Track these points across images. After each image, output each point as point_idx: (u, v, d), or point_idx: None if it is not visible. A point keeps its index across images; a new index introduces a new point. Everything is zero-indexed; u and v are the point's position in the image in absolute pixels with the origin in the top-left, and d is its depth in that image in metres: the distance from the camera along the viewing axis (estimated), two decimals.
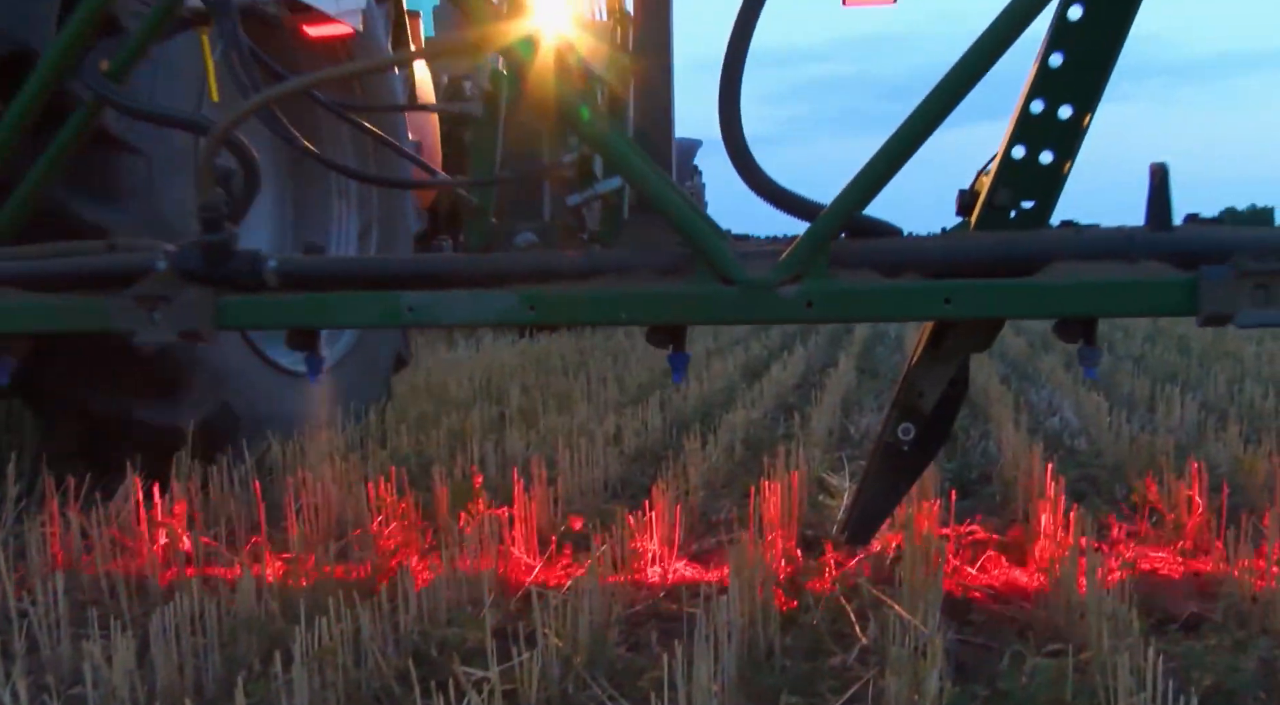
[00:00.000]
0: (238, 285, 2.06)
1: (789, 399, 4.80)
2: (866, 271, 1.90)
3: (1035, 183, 1.95)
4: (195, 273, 2.04)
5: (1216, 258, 1.73)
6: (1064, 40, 1.91)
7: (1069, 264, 1.83)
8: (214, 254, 2.02)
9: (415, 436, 3.70)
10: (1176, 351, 6.02)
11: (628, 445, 3.60)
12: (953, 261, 1.90)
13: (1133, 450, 3.35)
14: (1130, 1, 1.90)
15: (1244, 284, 1.70)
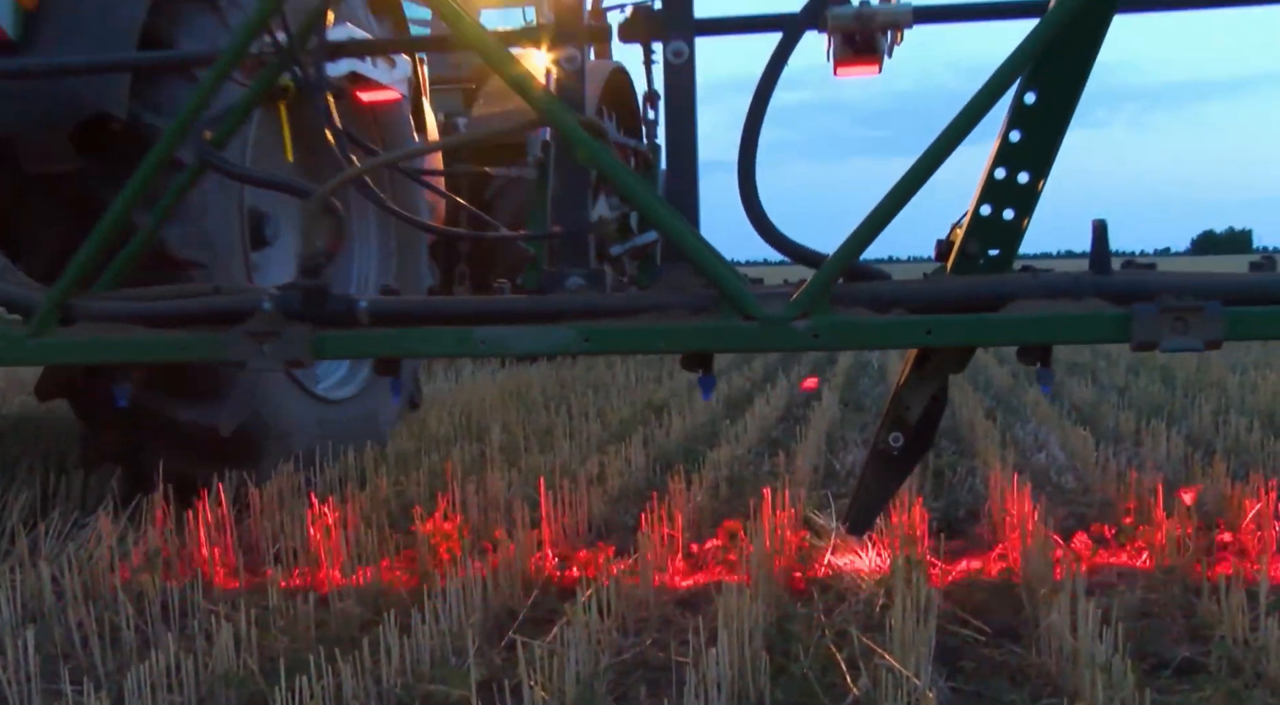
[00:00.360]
0: (333, 321, 2.37)
1: (773, 433, 4.77)
2: (861, 309, 2.26)
3: (999, 236, 2.31)
4: (296, 312, 2.35)
5: (1145, 297, 2.13)
6: (1021, 120, 2.26)
7: (1027, 302, 2.21)
8: (313, 297, 2.35)
9: (395, 476, 3.66)
10: (1160, 382, 6.01)
11: (611, 485, 3.56)
12: (932, 300, 2.26)
13: (1121, 488, 3.33)
14: (1074, 89, 2.25)
15: (1166, 318, 2.11)
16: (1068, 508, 3.33)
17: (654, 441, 4.26)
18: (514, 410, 5.25)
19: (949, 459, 4.05)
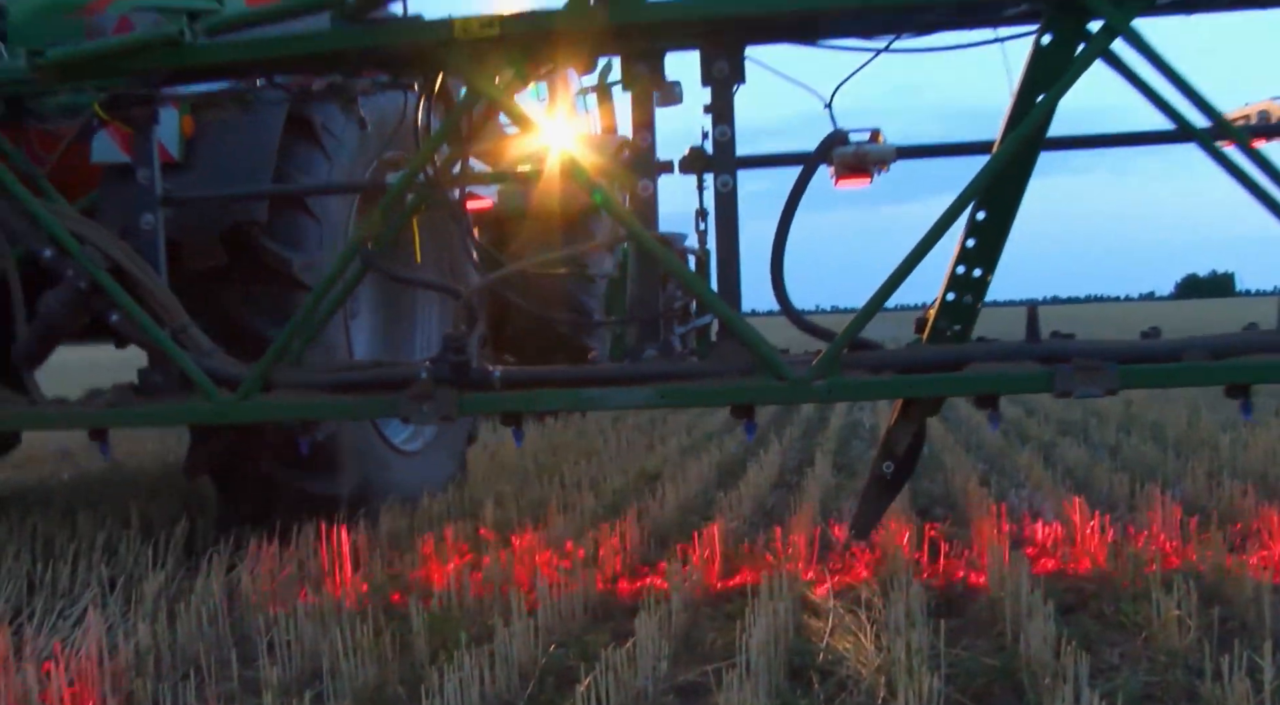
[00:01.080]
0: (473, 385, 3.10)
1: (767, 502, 4.75)
2: (862, 372, 3.05)
3: (961, 316, 3.11)
4: (446, 379, 3.08)
5: (1064, 359, 2.92)
6: (975, 231, 3.00)
7: (981, 364, 3.00)
8: (458, 368, 3.09)
9: (389, 559, 3.62)
10: (1152, 441, 6.02)
11: (606, 564, 3.53)
12: (912, 364, 3.08)
13: (1117, 561, 3.31)
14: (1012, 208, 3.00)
15: (1078, 374, 2.89)
16: (1066, 581, 3.31)
17: (649, 514, 4.23)
18: (506, 480, 5.22)
19: (945, 530, 4.03)
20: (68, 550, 3.90)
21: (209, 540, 4.17)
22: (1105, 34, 2.83)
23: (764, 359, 3.00)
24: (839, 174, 3.10)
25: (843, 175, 3.10)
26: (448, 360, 3.10)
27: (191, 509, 4.87)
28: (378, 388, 3.23)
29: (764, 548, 3.79)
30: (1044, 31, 2.90)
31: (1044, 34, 2.90)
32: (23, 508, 4.94)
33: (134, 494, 5.18)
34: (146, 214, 3.51)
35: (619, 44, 3.19)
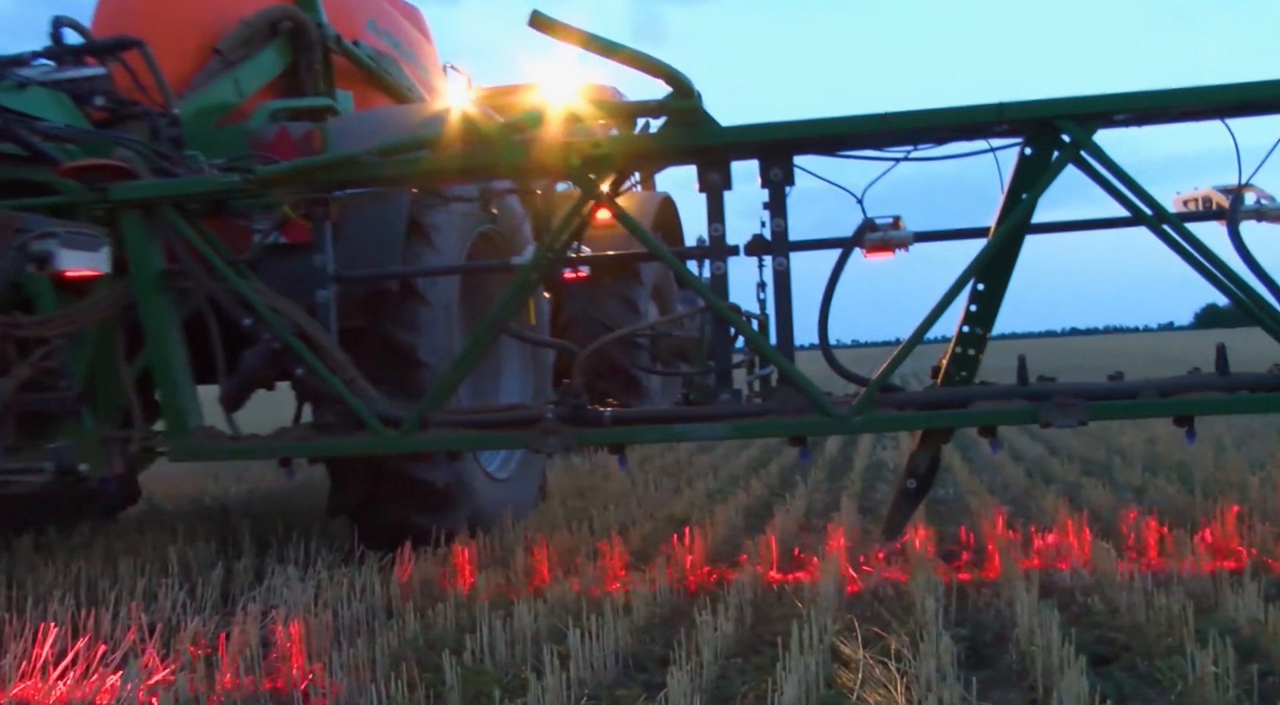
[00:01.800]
0: (588, 423, 3.88)
1: (793, 546, 4.76)
2: (890, 409, 3.86)
3: (967, 365, 3.86)
4: (567, 418, 3.84)
5: (1046, 397, 3.68)
6: (976, 299, 3.76)
7: (983, 402, 3.77)
8: (577, 410, 3.86)
9: (421, 612, 3.66)
10: (1179, 482, 5.99)
11: (638, 614, 3.56)
12: (930, 402, 3.85)
13: (1149, 612, 3.32)
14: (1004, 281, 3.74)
15: (1057, 408, 3.63)
16: (1096, 631, 3.31)
17: (678, 562, 4.26)
18: (534, 527, 5.26)
19: (971, 576, 4.05)
20: (109, 596, 3.97)
21: (245, 585, 4.24)
22: (1073, 147, 3.57)
23: (814, 400, 3.79)
24: (869, 250, 3.92)
25: (871, 250, 3.92)
26: (568, 403, 3.88)
27: (228, 553, 4.94)
28: (509, 425, 4.02)
29: (793, 595, 3.82)
30: (1026, 145, 3.64)
31: (1026, 146, 3.64)
32: (67, 552, 5.01)
33: (172, 538, 5.24)
34: (322, 289, 4.22)
35: (697, 157, 3.93)
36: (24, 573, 4.52)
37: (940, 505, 5.70)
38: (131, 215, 4.03)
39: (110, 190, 4.03)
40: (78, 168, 4.13)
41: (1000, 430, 4.12)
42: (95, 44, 4.90)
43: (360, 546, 4.76)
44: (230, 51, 5.30)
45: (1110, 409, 3.84)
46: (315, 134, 4.72)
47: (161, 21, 5.21)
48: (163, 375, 4.13)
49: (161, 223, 4.06)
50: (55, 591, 4.00)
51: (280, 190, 4.16)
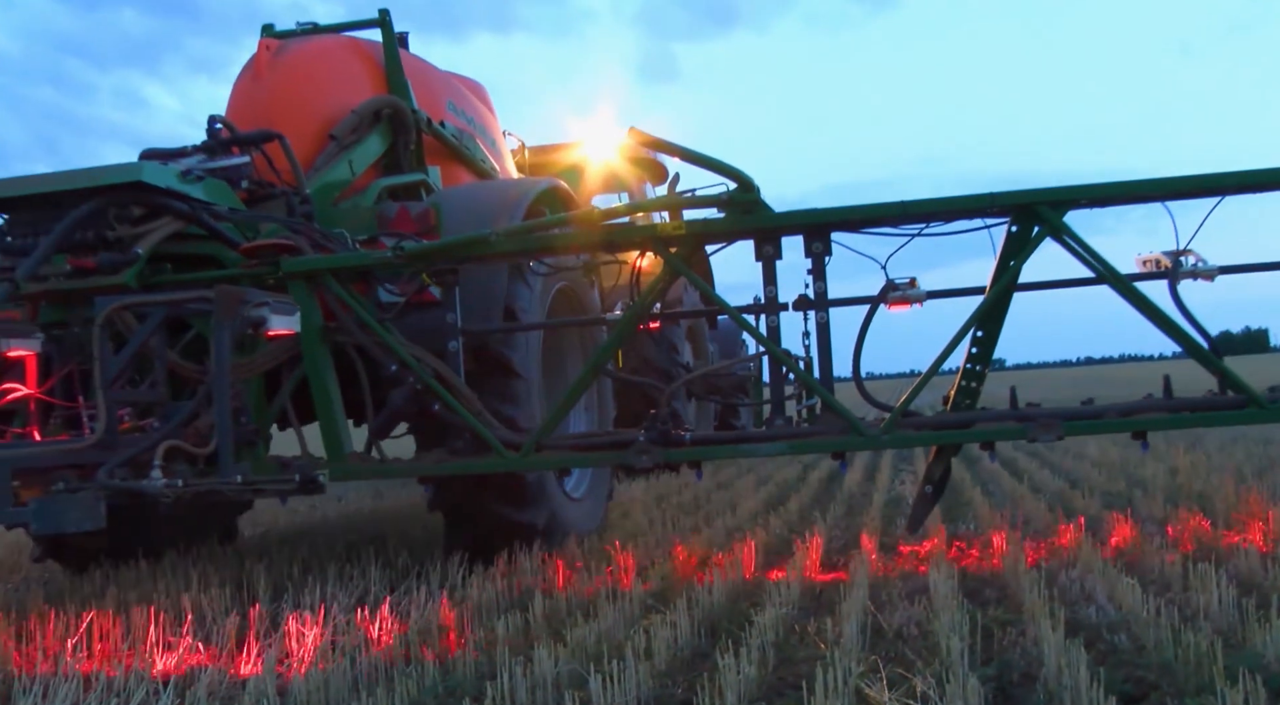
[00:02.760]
0: (671, 444, 4.71)
1: (815, 585, 4.73)
2: (910, 429, 4.68)
3: (969, 395, 4.70)
4: (655, 440, 4.67)
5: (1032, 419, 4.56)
6: (975, 344, 4.64)
7: (983, 423, 4.63)
8: (664, 434, 4.70)
9: (440, 658, 3.62)
10: (1201, 514, 5.93)
11: (659, 657, 3.52)
12: (943, 424, 4.69)
13: (1178, 649, 3.27)
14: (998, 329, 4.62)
15: (1039, 426, 4.48)
16: (1124, 670, 3.26)
17: (699, 602, 4.22)
18: (552, 571, 5.22)
19: (995, 614, 4.00)
20: (121, 647, 3.95)
21: (261, 632, 4.20)
22: (1048, 226, 4.46)
23: (851, 424, 4.62)
24: (891, 305, 4.79)
25: (893, 305, 4.80)
26: (656, 428, 4.70)
27: (243, 599, 4.92)
28: (608, 447, 4.91)
29: (815, 635, 3.78)
30: (1012, 224, 4.53)
31: (1012, 225, 4.52)
32: (79, 602, 4.99)
33: (185, 586, 5.22)
34: (452, 341, 5.03)
35: (756, 235, 4.77)
36: (33, 625, 4.49)
37: (962, 541, 5.65)
38: (298, 283, 4.82)
39: (283, 264, 4.83)
40: (258, 246, 4.91)
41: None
42: (243, 137, 5.66)
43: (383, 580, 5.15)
44: (343, 136, 6.14)
45: (1081, 426, 4.73)
46: (430, 212, 5.51)
47: (287, 112, 6.05)
48: (323, 410, 4.87)
49: (322, 288, 4.86)
50: (68, 643, 3.97)
51: (422, 263, 4.92)
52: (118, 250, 4.75)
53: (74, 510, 4.03)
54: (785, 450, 4.77)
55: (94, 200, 4.68)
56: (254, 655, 3.79)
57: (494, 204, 5.73)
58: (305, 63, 6.40)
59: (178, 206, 4.90)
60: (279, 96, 6.18)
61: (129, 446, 4.29)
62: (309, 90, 6.32)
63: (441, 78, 7.49)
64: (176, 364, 4.65)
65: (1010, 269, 4.52)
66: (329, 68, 6.52)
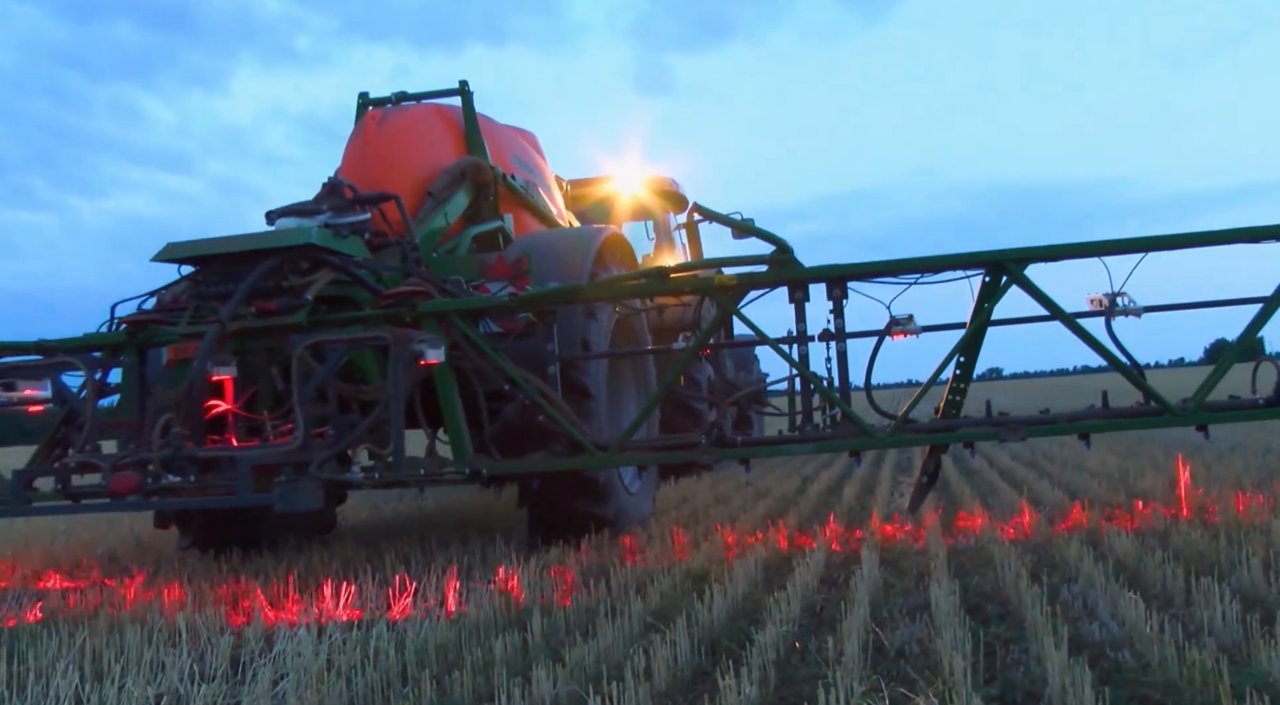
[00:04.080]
0: (728, 445, 5.79)
1: (816, 603, 4.69)
2: (909, 433, 5.85)
3: (955, 407, 5.85)
4: (714, 442, 5.78)
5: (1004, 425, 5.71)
6: (958, 367, 5.78)
7: (966, 427, 5.78)
8: (721, 437, 5.77)
9: (437, 679, 3.58)
10: (1202, 527, 5.90)
11: (659, 678, 3.48)
12: (936, 428, 5.88)
13: (1183, 667, 3.23)
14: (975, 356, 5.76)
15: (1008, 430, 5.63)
16: (1129, 689, 3.23)
17: (698, 621, 4.18)
18: (555, 587, 5.18)
19: (997, 630, 3.96)
20: (114, 668, 3.91)
21: (256, 651, 4.17)
22: (1013, 277, 5.60)
23: (863, 429, 5.72)
24: (894, 335, 5.81)
25: (895, 336, 5.81)
26: (714, 433, 5.86)
27: (237, 618, 4.87)
28: (677, 448, 6.22)
29: (817, 654, 3.74)
30: (985, 275, 5.67)
31: (986, 276, 5.67)
32: (71, 623, 4.95)
33: (179, 605, 5.17)
34: (551, 366, 6.11)
35: (790, 284, 5.83)
36: (26, 646, 4.45)
37: (962, 556, 5.61)
38: (430, 322, 5.81)
39: (420, 306, 5.82)
40: (400, 293, 5.91)
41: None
42: (365, 198, 6.72)
43: None
44: (439, 193, 7.32)
45: (1039, 430, 5.80)
46: (523, 259, 6.74)
47: (391, 172, 7.21)
48: (450, 420, 5.85)
49: (448, 325, 5.86)
50: (59, 664, 3.94)
51: (531, 306, 6.04)
52: (291, 296, 5.80)
53: (304, 494, 5.14)
54: (813, 450, 5.95)
55: (273, 258, 5.79)
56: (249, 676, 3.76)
57: (570, 250, 7.01)
58: (404, 129, 7.59)
59: (333, 260, 5.99)
60: (384, 159, 7.33)
61: (323, 448, 5.33)
62: (408, 153, 7.48)
63: (506, 134, 8.67)
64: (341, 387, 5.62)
65: (985, 309, 5.67)
66: (422, 133, 7.70)
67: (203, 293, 5.88)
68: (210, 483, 5.20)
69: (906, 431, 5.81)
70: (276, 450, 5.27)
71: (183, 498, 5.35)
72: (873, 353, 5.89)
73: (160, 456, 5.17)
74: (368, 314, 5.91)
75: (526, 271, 6.65)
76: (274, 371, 5.91)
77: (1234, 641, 3.61)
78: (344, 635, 4.28)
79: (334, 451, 5.36)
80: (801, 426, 5.91)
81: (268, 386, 5.92)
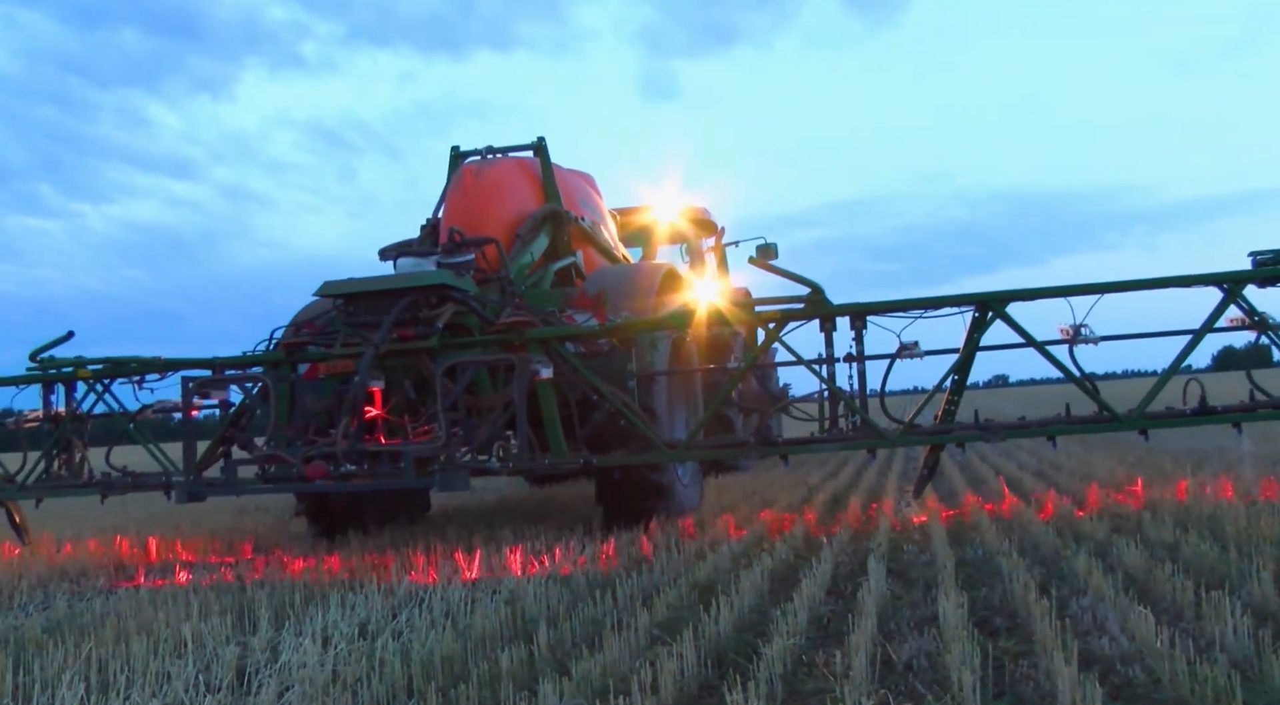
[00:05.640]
0: (771, 444, 7.44)
1: (823, 615, 4.66)
2: (915, 435, 7.37)
3: (950, 415, 7.37)
4: (760, 442, 7.44)
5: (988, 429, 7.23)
6: (954, 384, 7.29)
7: (958, 430, 7.25)
8: (765, 439, 7.54)
9: (443, 691, 3.57)
10: (1211, 539, 5.87)
11: (665, 692, 3.46)
12: (933, 431, 7.36)
13: (1194, 683, 3.20)
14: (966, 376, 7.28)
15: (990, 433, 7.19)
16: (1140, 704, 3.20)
17: (705, 633, 4.16)
18: (558, 596, 5.17)
19: (1006, 644, 3.94)
20: (120, 679, 3.90)
21: (261, 662, 4.15)
22: (997, 313, 6.97)
23: (877, 431, 7.10)
24: (903, 357, 7.13)
25: (903, 357, 7.14)
26: (760, 435, 7.70)
27: (244, 628, 4.86)
28: (731, 446, 8.03)
29: (824, 667, 3.72)
30: (975, 311, 7.04)
31: (975, 312, 7.04)
32: (78, 632, 4.93)
33: (186, 614, 5.16)
34: (630, 381, 7.58)
35: (821, 317, 7.18)
36: (31, 655, 4.44)
37: (970, 567, 5.59)
38: (535, 346, 7.18)
39: (527, 333, 7.19)
40: (509, 323, 7.26)
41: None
42: (471, 241, 8.22)
43: None
44: (526, 235, 8.82)
45: (1015, 433, 7.23)
46: (601, 293, 8.09)
47: (486, 217, 8.76)
48: (550, 424, 7.12)
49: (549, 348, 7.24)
50: (65, 675, 3.92)
51: (618, 333, 7.47)
52: (424, 325, 7.23)
53: (458, 479, 6.40)
54: (838, 448, 7.38)
55: (411, 295, 7.27)
56: (255, 687, 3.74)
57: (637, 285, 8.41)
58: (495, 182, 9.13)
59: (456, 296, 7.38)
60: (481, 207, 8.87)
61: (462, 445, 6.60)
62: (500, 201, 8.98)
63: (572, 179, 10.16)
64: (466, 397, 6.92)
65: (974, 339, 7.09)
66: (511, 184, 9.22)
67: (353, 321, 7.31)
68: (380, 470, 6.46)
69: (912, 434, 7.28)
70: (432, 445, 6.48)
71: (359, 481, 6.53)
72: (885, 372, 7.20)
73: (342, 450, 6.49)
74: (487, 339, 7.25)
75: (603, 302, 8.00)
76: (406, 384, 7.22)
77: (1245, 656, 3.58)
78: (349, 646, 4.26)
79: (475, 446, 6.65)
80: (829, 429, 7.29)
81: (401, 396, 7.17)
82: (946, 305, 7.06)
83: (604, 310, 7.91)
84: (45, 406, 8.43)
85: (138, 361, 8.10)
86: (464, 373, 6.80)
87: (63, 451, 8.45)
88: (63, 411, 8.39)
